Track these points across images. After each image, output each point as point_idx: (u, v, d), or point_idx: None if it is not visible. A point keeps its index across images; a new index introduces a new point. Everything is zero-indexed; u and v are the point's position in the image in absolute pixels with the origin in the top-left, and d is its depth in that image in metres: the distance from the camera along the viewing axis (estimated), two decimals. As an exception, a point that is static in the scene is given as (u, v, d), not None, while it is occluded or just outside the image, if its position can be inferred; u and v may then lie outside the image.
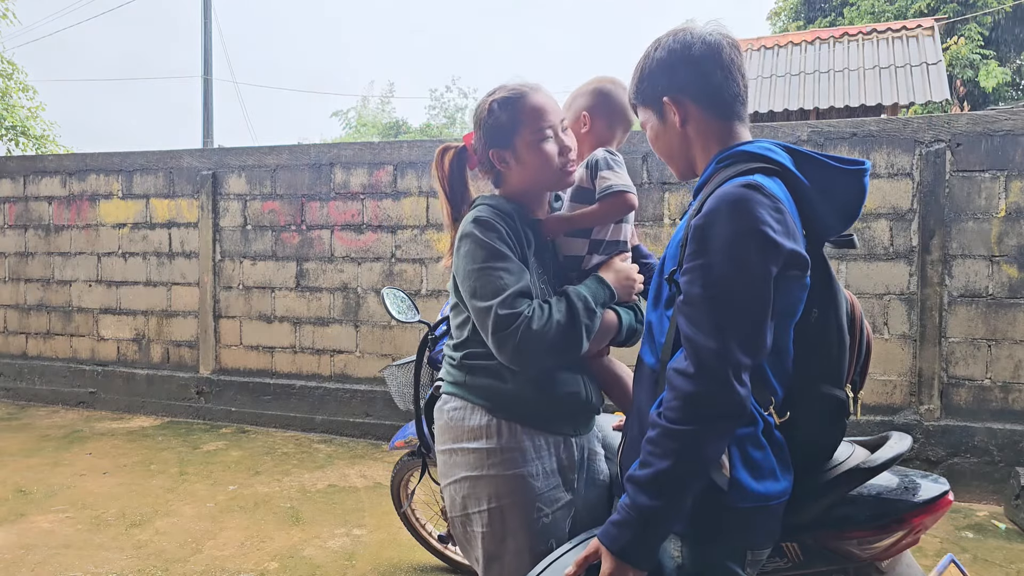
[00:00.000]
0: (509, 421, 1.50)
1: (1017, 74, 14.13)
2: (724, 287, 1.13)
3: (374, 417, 4.96)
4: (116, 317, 5.76)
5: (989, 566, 3.02)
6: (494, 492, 1.48)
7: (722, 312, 1.12)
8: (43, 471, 4.20)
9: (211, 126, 13.25)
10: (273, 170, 5.28)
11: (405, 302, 2.62)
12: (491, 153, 1.59)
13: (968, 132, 3.88)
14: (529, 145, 1.54)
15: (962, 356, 3.91)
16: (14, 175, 6.05)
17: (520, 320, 1.39)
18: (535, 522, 1.47)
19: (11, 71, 12.18)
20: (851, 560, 1.43)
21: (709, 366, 1.11)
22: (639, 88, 1.38)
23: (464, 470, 1.51)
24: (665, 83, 1.32)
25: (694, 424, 1.11)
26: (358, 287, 5.07)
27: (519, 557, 1.46)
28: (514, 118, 1.55)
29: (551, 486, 1.50)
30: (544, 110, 1.55)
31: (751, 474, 1.22)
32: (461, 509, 1.53)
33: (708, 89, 1.30)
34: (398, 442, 2.80)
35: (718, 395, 1.11)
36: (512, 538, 1.47)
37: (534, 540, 1.46)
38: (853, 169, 1.25)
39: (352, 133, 26.73)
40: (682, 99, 1.31)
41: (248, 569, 2.98)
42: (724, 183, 1.18)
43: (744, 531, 1.25)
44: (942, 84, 8.79)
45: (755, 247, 1.11)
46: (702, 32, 1.30)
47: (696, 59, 1.29)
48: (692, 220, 1.20)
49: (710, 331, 1.11)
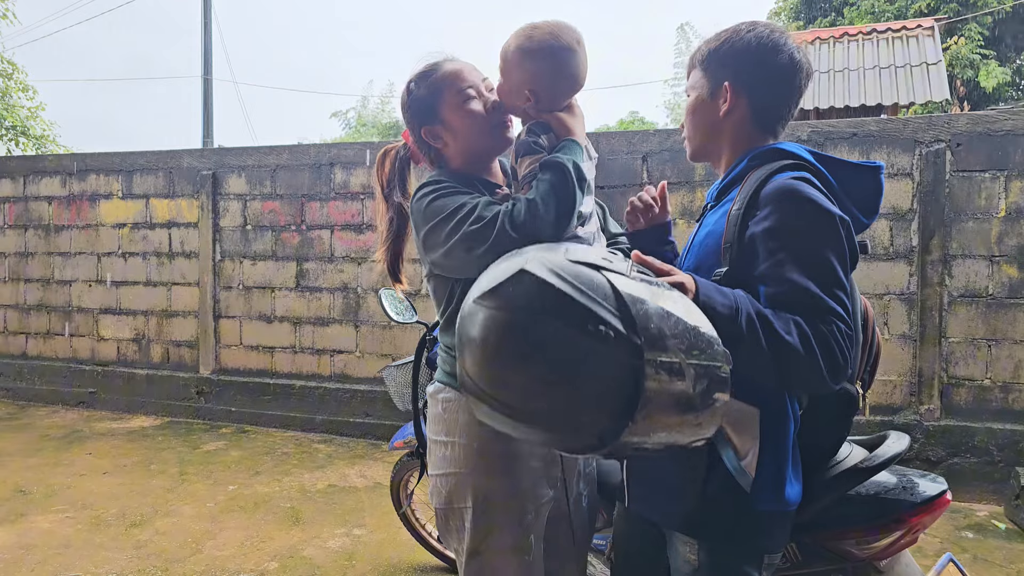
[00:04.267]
0: None
1: (1017, 74, 14.11)
2: (820, 263, 1.14)
3: (374, 417, 4.96)
4: (116, 317, 5.76)
5: (989, 566, 3.02)
6: (481, 489, 1.46)
7: (826, 282, 1.14)
8: (43, 471, 4.20)
9: (211, 126, 13.24)
10: (273, 170, 5.28)
11: (403, 303, 2.62)
12: (423, 132, 1.55)
13: (968, 132, 3.88)
14: (454, 109, 1.50)
15: (962, 356, 3.91)
16: (14, 175, 6.06)
17: (499, 217, 1.32)
18: (519, 520, 1.46)
19: (11, 71, 12.19)
20: (849, 560, 1.43)
21: (840, 328, 1.11)
22: (712, 55, 1.34)
23: (453, 465, 1.49)
24: (736, 69, 1.31)
25: (815, 354, 1.10)
26: (358, 287, 5.07)
27: (500, 554, 1.46)
28: (433, 89, 1.52)
29: (536, 484, 1.48)
30: (460, 73, 1.51)
31: (775, 478, 1.22)
32: (446, 502, 1.51)
33: (767, 100, 1.32)
34: (397, 442, 2.81)
35: (848, 342, 1.12)
36: (496, 535, 1.46)
37: (517, 537, 1.45)
38: (871, 167, 1.30)
39: (352, 133, 26.72)
40: (741, 93, 1.31)
41: (248, 569, 2.98)
42: (772, 177, 1.22)
43: (764, 534, 1.25)
44: (942, 84, 8.78)
45: (830, 225, 1.16)
46: (794, 46, 1.31)
47: (776, 67, 1.30)
48: (757, 222, 1.19)
49: (825, 303, 1.12)
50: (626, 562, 1.49)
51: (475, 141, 1.53)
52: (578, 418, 0.96)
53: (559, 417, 0.97)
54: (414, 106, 1.54)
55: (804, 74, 1.31)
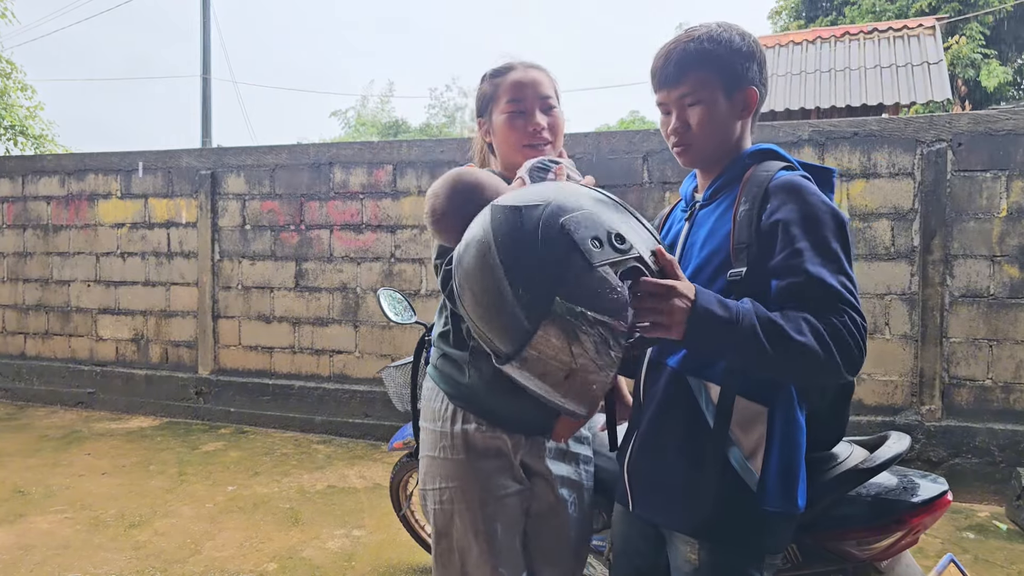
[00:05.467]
0: (464, 411, 1.55)
1: (1018, 73, 14.11)
2: (835, 256, 1.16)
3: (373, 418, 4.95)
4: (115, 317, 5.75)
5: (990, 567, 3.01)
6: (444, 474, 1.56)
7: (840, 274, 1.15)
8: (42, 471, 4.19)
9: (210, 126, 13.25)
10: (272, 170, 5.27)
11: (401, 303, 2.61)
12: (478, 122, 1.67)
13: (969, 132, 3.87)
14: (500, 116, 1.57)
15: (963, 356, 3.90)
16: (12, 175, 6.05)
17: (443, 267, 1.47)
18: (480, 506, 1.53)
19: (10, 70, 12.16)
20: (850, 560, 1.42)
21: (855, 321, 1.11)
22: (725, 60, 1.29)
23: (426, 449, 1.61)
24: (758, 73, 1.33)
25: (833, 350, 1.09)
26: (357, 287, 5.06)
27: (465, 536, 1.54)
28: (493, 89, 1.59)
29: (495, 474, 1.54)
30: (520, 84, 1.56)
31: (786, 480, 1.22)
32: (422, 484, 1.62)
33: (763, 96, 1.36)
34: (396, 443, 2.80)
35: (862, 333, 1.11)
36: (459, 517, 1.54)
37: (479, 522, 1.52)
38: (826, 170, 1.36)
39: (351, 133, 26.74)
40: (756, 95, 1.33)
41: (247, 570, 2.97)
42: (776, 175, 1.25)
43: (768, 535, 1.25)
44: (943, 83, 8.78)
45: (836, 221, 1.19)
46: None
47: (765, 67, 1.35)
48: (770, 214, 1.21)
49: (841, 295, 1.12)
50: (625, 562, 1.48)
51: (507, 152, 1.60)
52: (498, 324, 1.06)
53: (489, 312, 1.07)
54: (478, 97, 1.65)
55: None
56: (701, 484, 1.23)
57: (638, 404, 1.40)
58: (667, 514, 1.31)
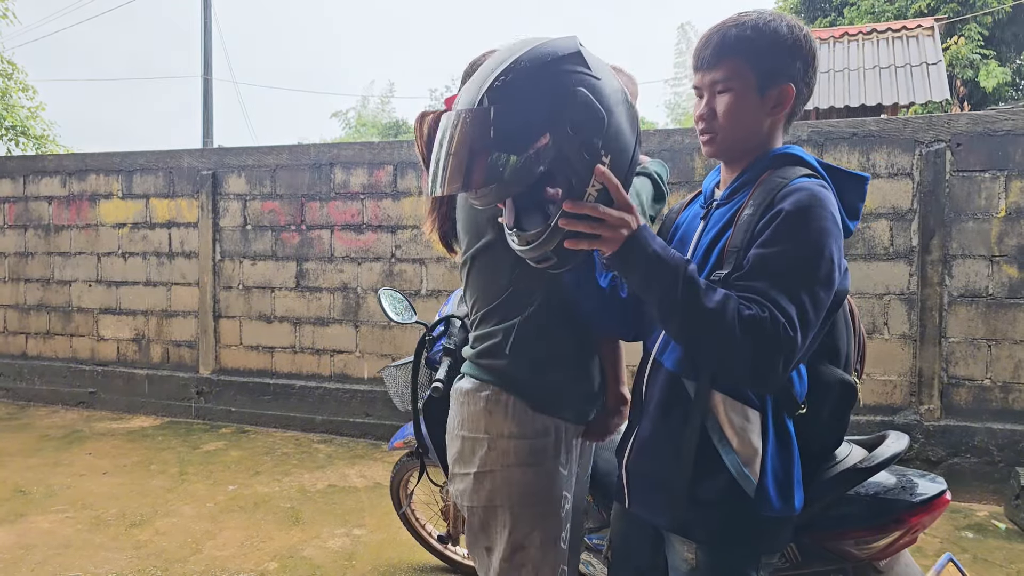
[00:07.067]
0: (507, 404, 1.50)
1: (1017, 74, 14.11)
2: (811, 269, 1.13)
3: (374, 417, 4.96)
4: (116, 317, 5.76)
5: (989, 566, 3.02)
6: (524, 484, 1.48)
7: (806, 288, 1.12)
8: (43, 471, 4.20)
9: (211, 126, 13.24)
10: (273, 170, 5.28)
11: (402, 303, 2.61)
12: None
13: (968, 132, 3.88)
14: None
15: (962, 356, 3.91)
16: (14, 175, 6.05)
17: None
18: (559, 511, 1.50)
19: (11, 71, 12.16)
20: (849, 560, 1.43)
21: (788, 332, 1.08)
22: (764, 51, 1.23)
23: (490, 463, 1.49)
24: (801, 71, 1.26)
25: (748, 337, 1.06)
26: (358, 287, 5.07)
27: (544, 546, 1.49)
28: None
29: (567, 473, 1.53)
30: None
31: (782, 483, 1.23)
32: (487, 500, 1.50)
33: (805, 99, 1.30)
34: (397, 443, 2.80)
35: (788, 347, 1.07)
36: (540, 528, 1.49)
37: (558, 528, 1.50)
38: (859, 176, 1.31)
39: (352, 133, 26.73)
40: (794, 92, 1.26)
41: (248, 569, 2.98)
42: (796, 179, 1.20)
43: (765, 538, 1.26)
44: (942, 84, 8.79)
45: (837, 239, 1.16)
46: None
47: (814, 66, 1.28)
48: (765, 228, 1.17)
49: (791, 301, 1.10)
50: (623, 561, 1.49)
51: None
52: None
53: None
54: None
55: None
56: (698, 488, 1.24)
57: (638, 403, 1.41)
58: (665, 515, 1.32)
